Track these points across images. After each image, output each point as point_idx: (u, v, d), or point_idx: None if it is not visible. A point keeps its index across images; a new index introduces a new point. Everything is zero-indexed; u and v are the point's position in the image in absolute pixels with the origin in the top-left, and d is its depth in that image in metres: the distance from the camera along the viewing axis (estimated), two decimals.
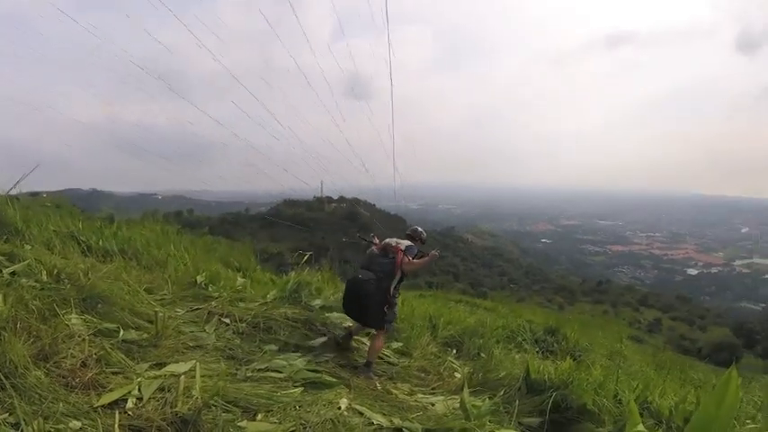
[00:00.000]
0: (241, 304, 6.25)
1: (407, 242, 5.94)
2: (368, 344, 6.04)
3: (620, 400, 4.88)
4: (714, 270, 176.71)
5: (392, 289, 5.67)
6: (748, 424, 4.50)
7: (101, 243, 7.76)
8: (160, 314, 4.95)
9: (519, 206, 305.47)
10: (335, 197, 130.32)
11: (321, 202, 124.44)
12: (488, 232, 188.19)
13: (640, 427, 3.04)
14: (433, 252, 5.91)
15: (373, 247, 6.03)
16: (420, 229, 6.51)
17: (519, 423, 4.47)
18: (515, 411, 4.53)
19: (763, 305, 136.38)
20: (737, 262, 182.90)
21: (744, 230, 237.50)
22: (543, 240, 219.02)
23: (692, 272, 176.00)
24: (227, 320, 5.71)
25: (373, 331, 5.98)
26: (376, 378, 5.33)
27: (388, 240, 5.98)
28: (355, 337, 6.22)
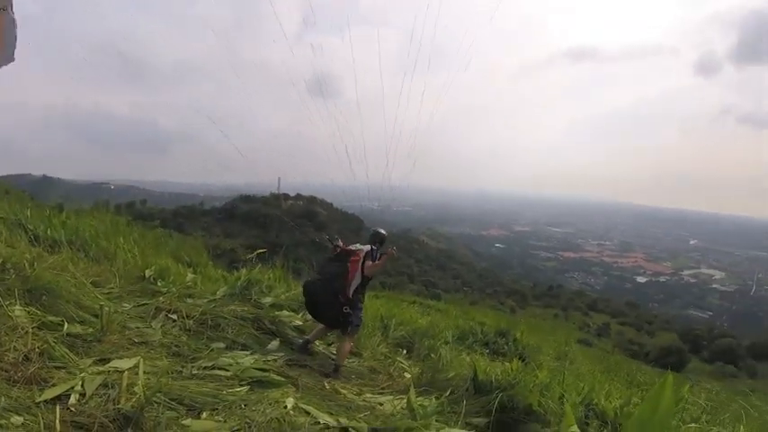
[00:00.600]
0: (190, 300, 6.16)
1: (368, 247, 6.15)
2: (328, 349, 6.27)
3: (565, 401, 4.99)
4: (662, 279, 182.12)
5: (350, 291, 5.83)
6: (692, 426, 4.63)
7: (49, 232, 7.58)
8: (106, 309, 4.86)
9: (474, 210, 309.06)
10: (293, 194, 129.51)
11: (278, 198, 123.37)
12: (443, 235, 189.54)
13: (574, 428, 3.11)
14: (389, 250, 6.07)
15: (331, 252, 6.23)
16: (382, 231, 6.62)
17: (466, 423, 4.53)
18: (462, 411, 4.59)
19: (710, 313, 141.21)
20: (685, 272, 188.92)
21: (692, 242, 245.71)
22: (497, 245, 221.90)
23: (641, 279, 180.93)
24: (175, 317, 5.60)
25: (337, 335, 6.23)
26: (344, 380, 5.43)
27: (350, 247, 6.18)
28: (317, 342, 6.27)
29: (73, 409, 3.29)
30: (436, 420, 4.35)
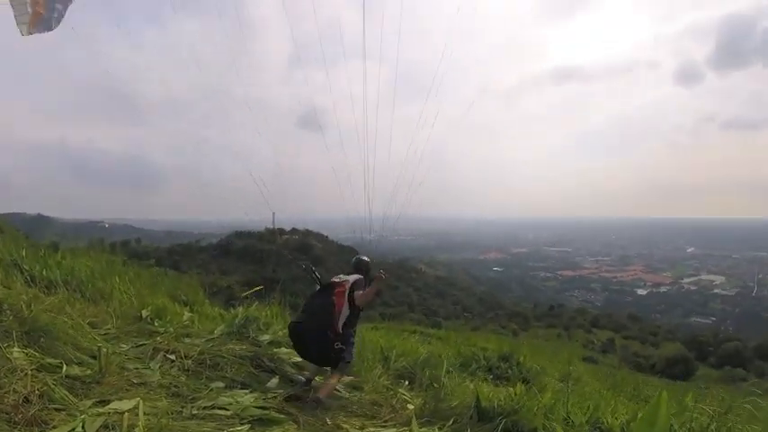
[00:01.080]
0: (187, 340, 6.15)
1: (355, 276, 6.06)
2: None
3: (571, 422, 4.95)
4: (663, 289, 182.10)
5: (339, 326, 5.62)
6: None
7: (45, 273, 7.59)
8: (104, 350, 4.84)
9: (470, 236, 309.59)
10: (288, 228, 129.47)
11: (273, 233, 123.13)
12: (441, 262, 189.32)
13: None
14: (377, 274, 6.14)
15: (317, 286, 6.08)
16: (364, 258, 6.66)
17: None
18: None
19: (714, 318, 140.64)
20: (685, 280, 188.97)
21: (689, 250, 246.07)
22: (495, 268, 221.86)
23: (642, 292, 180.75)
24: (173, 357, 5.59)
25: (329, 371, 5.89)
26: (326, 414, 5.18)
27: (334, 279, 6.02)
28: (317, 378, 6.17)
29: None
30: None
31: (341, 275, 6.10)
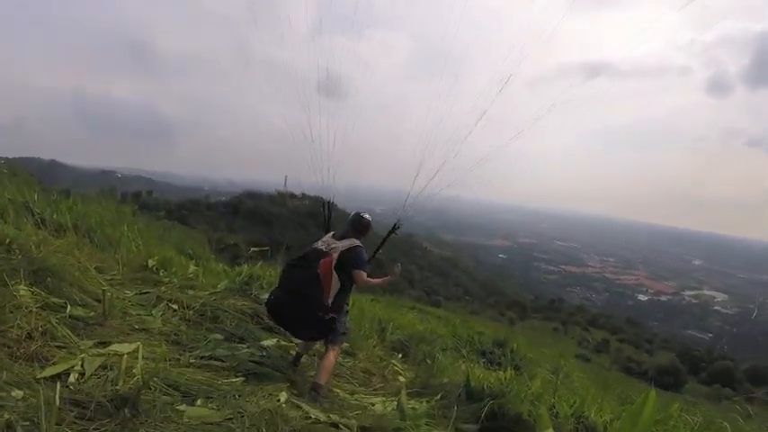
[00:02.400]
0: (190, 292, 6.22)
1: (348, 242, 5.04)
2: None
3: (556, 412, 5.03)
4: (664, 298, 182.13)
5: (329, 300, 4.79)
6: None
7: (55, 217, 7.69)
8: (108, 294, 4.93)
9: (479, 219, 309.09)
10: (299, 193, 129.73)
11: (283, 197, 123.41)
12: (448, 243, 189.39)
13: (551, 430, 3.19)
14: (394, 269, 5.27)
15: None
16: (366, 216, 5.49)
17: (456, 428, 4.58)
18: (453, 416, 4.63)
19: (711, 335, 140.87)
20: (687, 292, 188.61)
21: (696, 262, 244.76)
22: (500, 255, 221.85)
23: (643, 297, 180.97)
24: (175, 306, 5.69)
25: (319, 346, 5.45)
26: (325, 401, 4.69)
27: (317, 244, 5.08)
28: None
29: (72, 387, 3.38)
30: (426, 423, 4.40)
31: (329, 238, 5.14)
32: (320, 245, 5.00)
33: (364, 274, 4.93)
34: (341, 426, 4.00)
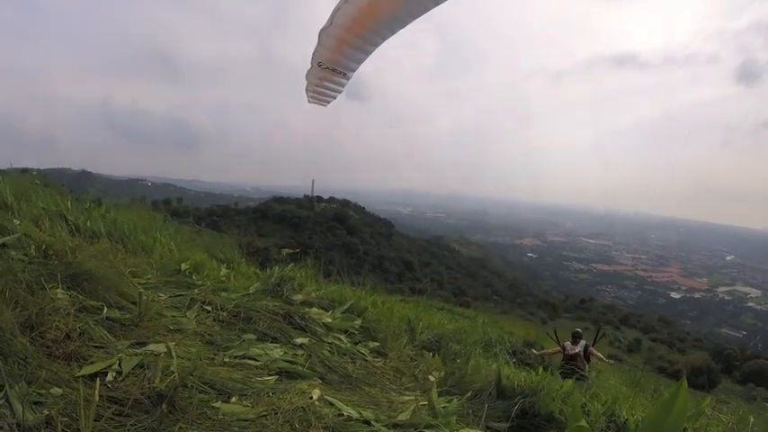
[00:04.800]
0: (223, 294, 6.31)
1: None
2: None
3: (588, 411, 5.01)
4: (697, 295, 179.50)
5: None
6: None
7: (88, 224, 7.83)
8: (144, 296, 5.04)
9: (507, 219, 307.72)
10: (326, 197, 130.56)
11: (311, 200, 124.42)
12: (476, 243, 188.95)
13: (582, 422, 3.17)
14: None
15: None
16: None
17: (487, 426, 4.58)
18: (484, 414, 4.64)
19: (744, 332, 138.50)
20: (721, 288, 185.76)
21: (728, 258, 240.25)
22: (529, 255, 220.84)
23: (675, 295, 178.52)
24: (209, 308, 5.77)
25: None
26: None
27: None
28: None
29: (110, 385, 3.47)
30: (457, 421, 4.41)
31: None
32: None
33: None
34: (373, 423, 4.03)
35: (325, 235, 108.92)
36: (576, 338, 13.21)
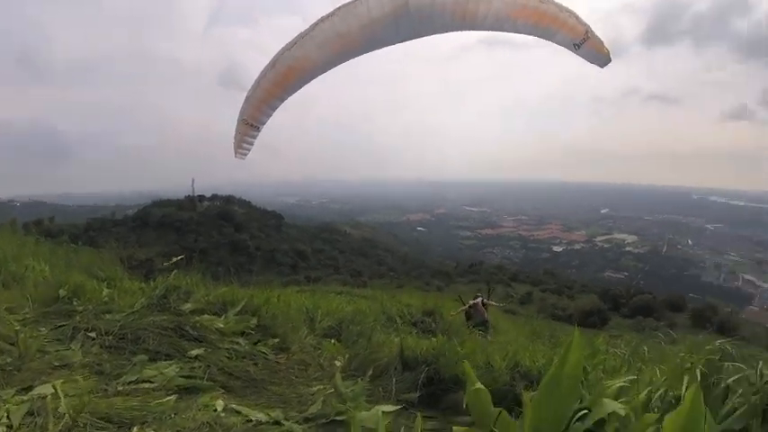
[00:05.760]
0: (107, 316, 5.98)
1: None
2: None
3: (491, 367, 5.23)
4: (577, 246, 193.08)
5: None
6: (616, 376, 4.93)
7: None
8: (22, 335, 4.73)
9: (394, 198, 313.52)
10: (209, 195, 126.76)
11: (192, 201, 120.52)
12: (366, 224, 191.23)
13: (478, 384, 3.30)
14: None
15: None
16: None
17: (398, 400, 4.68)
18: (393, 389, 4.73)
19: (626, 274, 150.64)
20: (599, 238, 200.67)
21: (603, 211, 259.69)
22: (419, 229, 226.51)
23: (558, 249, 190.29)
24: (94, 335, 5.44)
25: None
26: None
27: None
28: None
29: None
30: (366, 401, 4.47)
31: None
32: None
33: None
34: (283, 422, 4.01)
35: (211, 235, 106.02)
36: (476, 297, 16.82)
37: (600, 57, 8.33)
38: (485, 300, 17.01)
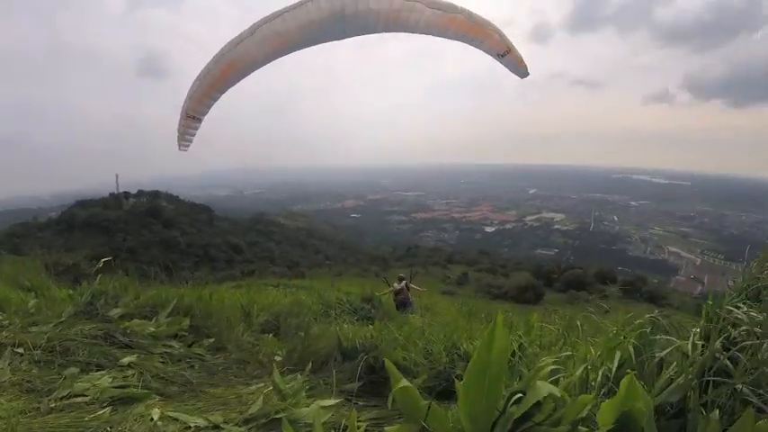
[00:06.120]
0: (34, 329, 5.74)
1: None
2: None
3: (430, 351, 5.31)
4: (509, 226, 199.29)
5: None
6: (552, 350, 5.08)
7: None
8: None
9: (326, 186, 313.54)
10: (134, 191, 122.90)
11: (117, 198, 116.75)
12: (300, 214, 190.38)
13: (404, 382, 3.36)
14: None
15: None
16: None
17: (340, 392, 4.70)
18: (333, 381, 4.75)
19: (556, 250, 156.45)
20: (528, 217, 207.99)
21: (531, 191, 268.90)
22: (353, 215, 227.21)
23: (490, 229, 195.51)
24: (21, 350, 5.22)
25: None
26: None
27: None
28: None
29: None
30: (307, 396, 4.47)
31: None
32: None
33: None
34: (222, 425, 3.97)
35: (140, 233, 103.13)
36: (400, 279, 18.25)
37: (519, 69, 9.53)
38: (408, 283, 18.53)
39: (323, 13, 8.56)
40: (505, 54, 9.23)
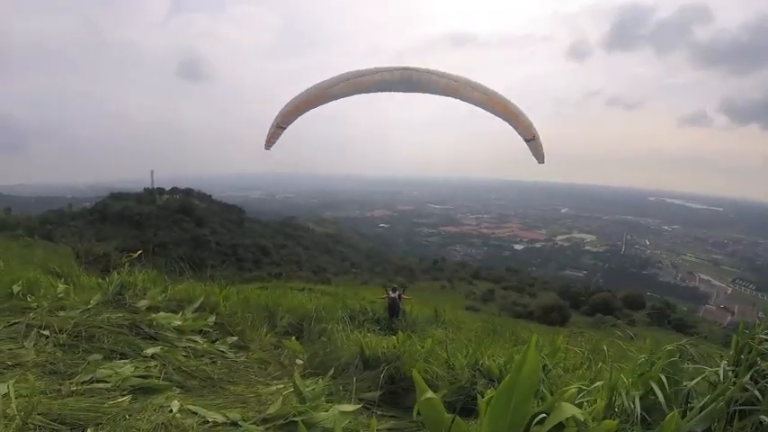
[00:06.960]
0: (62, 313, 5.80)
1: None
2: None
3: (452, 365, 5.25)
4: (538, 245, 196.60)
5: None
6: (577, 373, 5.00)
7: None
8: None
9: (357, 194, 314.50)
10: (168, 188, 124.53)
11: (152, 194, 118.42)
12: (329, 220, 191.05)
13: (429, 393, 3.31)
14: None
15: None
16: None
17: (359, 399, 4.66)
18: (353, 388, 4.71)
19: (585, 272, 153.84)
20: (559, 237, 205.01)
21: (563, 210, 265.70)
22: (381, 225, 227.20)
23: (518, 247, 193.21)
24: (47, 332, 5.28)
25: None
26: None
27: None
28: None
29: None
30: (327, 400, 4.43)
31: None
32: None
33: None
34: (240, 423, 3.94)
35: (171, 230, 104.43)
36: (394, 290, 18.86)
37: (539, 155, 11.66)
38: (401, 294, 19.54)
39: (394, 76, 10.80)
40: (530, 140, 11.45)
